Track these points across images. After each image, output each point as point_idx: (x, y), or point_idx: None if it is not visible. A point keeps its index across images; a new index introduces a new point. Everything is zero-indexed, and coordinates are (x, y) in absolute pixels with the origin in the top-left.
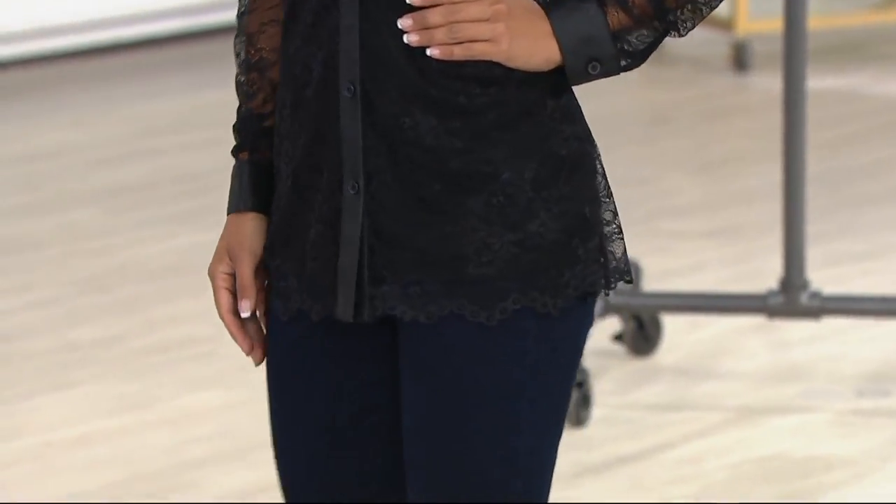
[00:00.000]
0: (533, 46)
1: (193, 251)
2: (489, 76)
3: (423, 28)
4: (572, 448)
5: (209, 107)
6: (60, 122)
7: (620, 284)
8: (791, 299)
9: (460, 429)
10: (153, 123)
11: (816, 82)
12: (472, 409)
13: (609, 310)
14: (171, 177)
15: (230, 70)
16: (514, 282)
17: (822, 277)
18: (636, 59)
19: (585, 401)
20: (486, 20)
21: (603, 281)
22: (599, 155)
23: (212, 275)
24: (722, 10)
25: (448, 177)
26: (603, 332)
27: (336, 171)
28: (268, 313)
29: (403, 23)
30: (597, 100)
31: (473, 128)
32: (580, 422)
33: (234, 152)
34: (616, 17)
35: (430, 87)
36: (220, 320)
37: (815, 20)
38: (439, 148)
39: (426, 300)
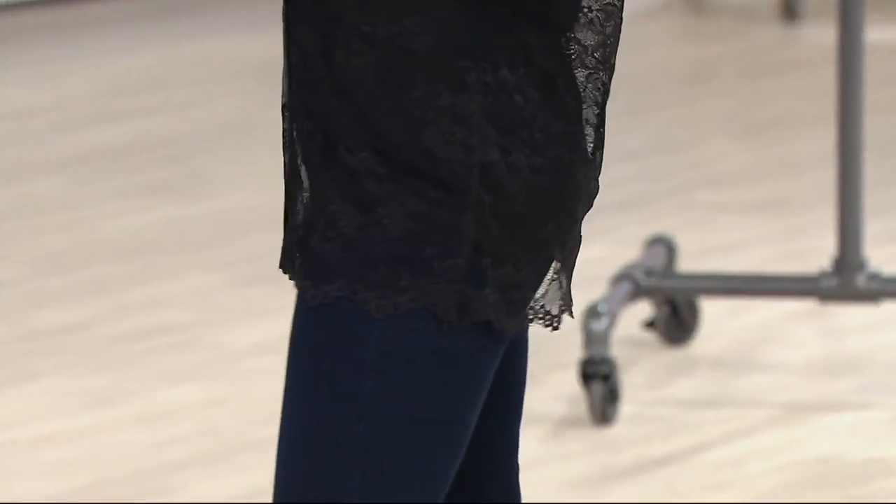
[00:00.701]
0: None
1: (172, 226)
2: (372, 33)
3: None
4: (598, 449)
5: (191, 61)
6: (21, 78)
7: (654, 264)
8: (846, 281)
9: (294, 409)
10: (127, 80)
11: (875, 34)
12: (304, 389)
13: (639, 293)
14: (148, 141)
15: (214, 20)
16: (347, 268)
17: (882, 256)
18: None
19: (612, 396)
20: None
21: (466, 312)
22: (536, 180)
23: None
24: None
25: (324, 136)
26: (633, 318)
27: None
28: None
29: None
30: (628, 55)
31: (350, 90)
32: (606, 419)
33: None
34: None
35: (328, 31)
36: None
37: None
38: (321, 102)
39: (294, 264)
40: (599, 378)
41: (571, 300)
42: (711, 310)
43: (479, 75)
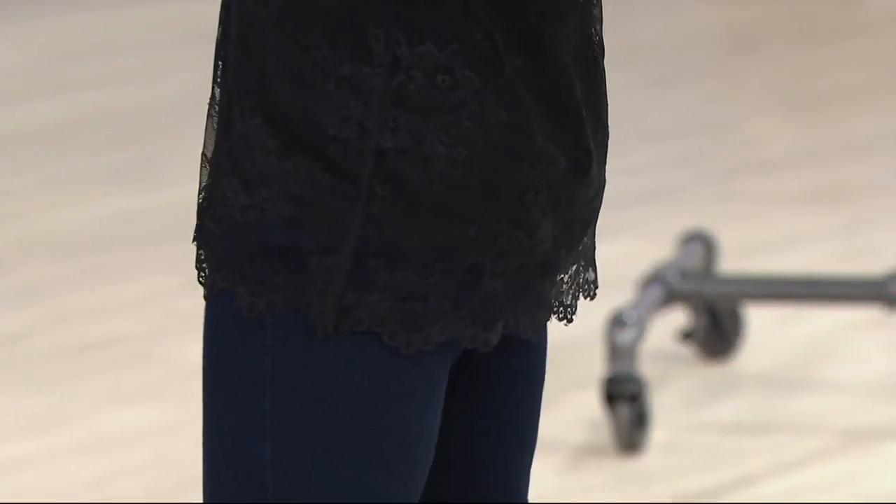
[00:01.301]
0: None
1: (122, 220)
2: None
3: None
4: (625, 481)
5: (143, 24)
6: None
7: (690, 264)
8: None
9: (205, 419)
10: (66, 47)
11: None
12: (209, 396)
13: (673, 298)
14: (91, 119)
15: None
16: (230, 256)
17: None
18: None
19: (641, 420)
20: None
21: (344, 320)
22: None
23: None
24: None
25: (229, 97)
26: (666, 327)
27: None
28: None
29: None
30: (662, 19)
31: (251, 44)
32: (634, 447)
33: None
34: None
35: None
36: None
37: None
38: (229, 56)
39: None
40: (626, 399)
41: (569, 308)
42: (758, 319)
43: (389, 46)
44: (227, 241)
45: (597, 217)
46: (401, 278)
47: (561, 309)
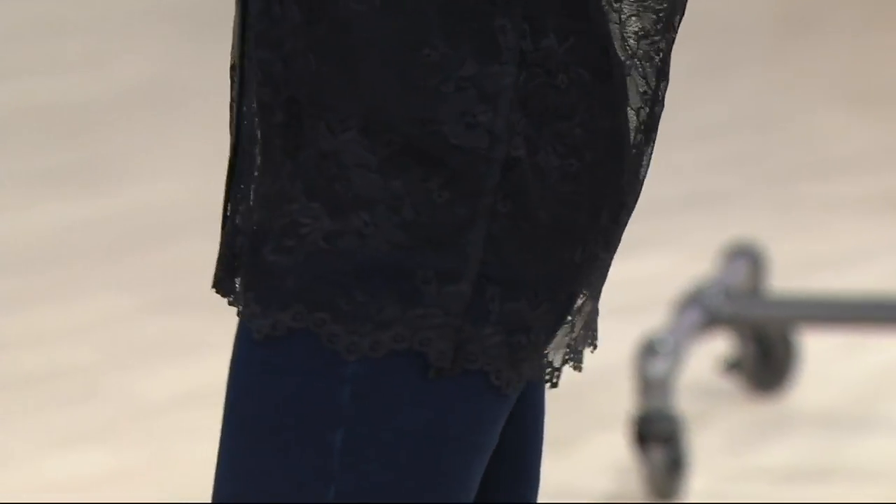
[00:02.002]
0: None
1: (66, 230)
2: None
3: None
4: None
5: (92, 2)
6: None
7: (736, 282)
8: None
9: (238, 470)
10: (2, 28)
11: None
12: (252, 444)
13: (715, 323)
14: (31, 112)
15: None
16: (308, 290)
17: None
18: None
19: (677, 465)
20: None
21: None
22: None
23: None
24: None
25: (288, 110)
26: (708, 357)
27: None
28: None
29: None
30: None
31: (338, 46)
32: (669, 496)
33: None
34: None
35: None
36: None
37: None
38: (289, 63)
39: (235, 283)
40: (659, 440)
41: (595, 336)
42: (815, 347)
43: (517, 39)
44: (302, 274)
45: None
46: (513, 308)
47: (591, 335)
